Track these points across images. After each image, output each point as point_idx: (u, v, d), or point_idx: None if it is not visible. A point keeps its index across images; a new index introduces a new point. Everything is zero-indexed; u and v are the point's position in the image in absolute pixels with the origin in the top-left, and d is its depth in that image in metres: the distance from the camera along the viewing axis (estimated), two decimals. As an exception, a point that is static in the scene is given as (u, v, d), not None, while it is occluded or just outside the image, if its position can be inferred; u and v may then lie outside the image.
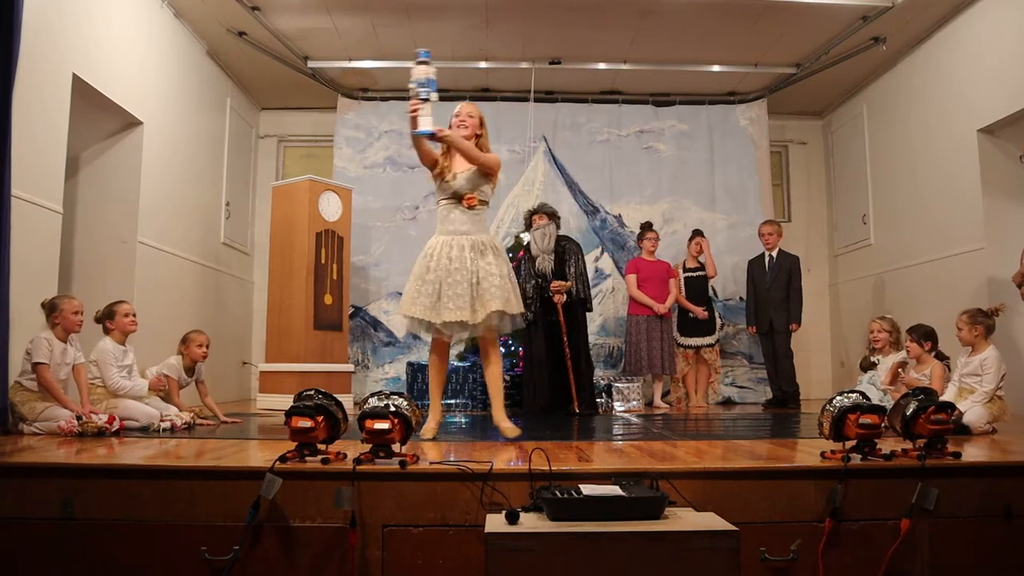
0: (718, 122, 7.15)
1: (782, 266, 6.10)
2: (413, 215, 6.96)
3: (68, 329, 3.65)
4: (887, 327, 4.30)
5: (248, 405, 6.02)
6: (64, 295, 3.78)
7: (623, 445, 3.20)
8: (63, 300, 3.67)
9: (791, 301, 6.02)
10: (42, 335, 3.57)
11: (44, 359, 3.51)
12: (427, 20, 5.80)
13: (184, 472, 2.42)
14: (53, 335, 3.60)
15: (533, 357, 5.33)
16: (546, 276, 5.28)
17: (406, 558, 2.32)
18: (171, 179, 5.52)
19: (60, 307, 3.62)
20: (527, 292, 5.19)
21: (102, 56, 4.53)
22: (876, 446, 2.53)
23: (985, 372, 3.66)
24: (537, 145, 7.06)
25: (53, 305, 3.63)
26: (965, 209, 5.36)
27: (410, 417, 2.51)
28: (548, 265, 5.26)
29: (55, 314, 3.62)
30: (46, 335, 3.58)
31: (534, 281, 5.29)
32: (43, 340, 3.54)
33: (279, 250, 5.72)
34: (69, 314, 3.63)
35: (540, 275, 5.29)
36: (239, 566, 2.29)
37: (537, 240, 5.36)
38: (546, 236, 5.34)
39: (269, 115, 7.52)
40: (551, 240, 5.36)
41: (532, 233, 5.42)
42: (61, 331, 3.63)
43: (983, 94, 5.18)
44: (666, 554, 1.94)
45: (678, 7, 5.59)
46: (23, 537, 2.36)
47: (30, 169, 3.76)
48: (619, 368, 6.47)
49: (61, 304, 3.64)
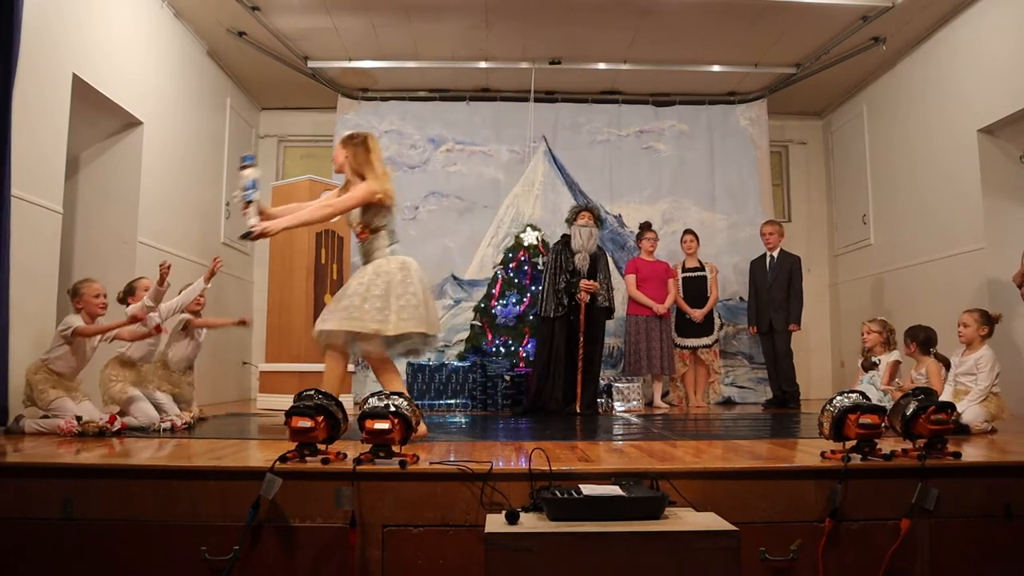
0: (718, 122, 7.15)
1: (783, 266, 6.09)
2: (413, 215, 6.96)
3: (92, 313, 3.67)
4: (876, 328, 4.34)
5: (248, 405, 6.02)
6: (85, 279, 3.79)
7: (623, 445, 3.20)
8: (84, 284, 3.69)
9: (791, 301, 6.02)
10: (69, 317, 3.61)
11: (79, 323, 3.56)
12: (427, 20, 5.80)
13: (184, 472, 2.42)
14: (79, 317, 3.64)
15: (552, 354, 5.32)
16: (580, 274, 5.30)
17: (406, 558, 2.32)
18: (171, 179, 5.52)
19: (81, 291, 3.65)
20: (558, 284, 5.27)
21: (102, 56, 4.53)
22: (876, 446, 2.53)
23: (980, 371, 3.67)
24: (537, 145, 7.06)
25: (75, 290, 3.67)
26: (965, 209, 5.36)
27: (410, 417, 2.51)
28: (585, 264, 5.27)
29: (77, 299, 3.65)
30: (73, 318, 3.61)
31: (565, 276, 5.30)
32: (72, 318, 3.59)
33: (279, 250, 5.71)
34: (90, 297, 3.65)
35: (575, 272, 5.29)
36: (239, 566, 2.29)
37: (582, 237, 5.30)
38: (592, 236, 5.33)
39: (269, 115, 7.52)
40: (594, 241, 5.35)
41: (577, 228, 5.35)
42: (86, 315, 3.65)
43: (983, 94, 5.18)
44: (666, 554, 1.94)
45: (678, 7, 5.59)
46: (23, 537, 2.36)
47: (30, 169, 3.76)
48: (619, 368, 6.47)
49: (82, 288, 3.66)
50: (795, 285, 6.04)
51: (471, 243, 6.95)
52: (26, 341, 3.64)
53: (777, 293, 6.04)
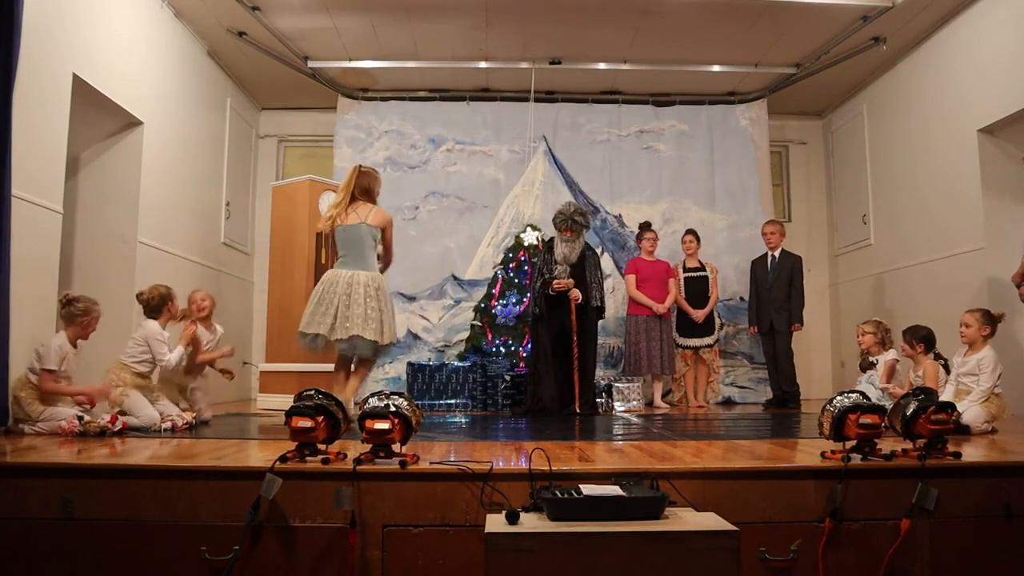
0: (718, 122, 7.15)
1: (784, 266, 6.09)
2: (413, 215, 6.96)
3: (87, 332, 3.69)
4: (870, 328, 4.35)
5: (248, 405, 6.02)
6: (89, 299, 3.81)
7: (623, 445, 3.20)
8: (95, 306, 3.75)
9: (792, 301, 6.01)
10: (55, 341, 3.56)
11: (52, 366, 3.51)
12: (427, 20, 5.80)
13: (184, 472, 2.42)
14: (67, 337, 3.61)
15: (540, 355, 5.32)
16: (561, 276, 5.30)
17: (406, 558, 2.32)
18: (171, 179, 5.52)
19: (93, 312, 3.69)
20: (535, 288, 5.34)
21: (102, 56, 4.53)
22: (876, 446, 2.53)
23: (982, 371, 3.66)
24: (537, 145, 7.06)
25: (86, 310, 3.66)
26: (965, 209, 5.36)
27: (410, 417, 2.51)
28: (564, 275, 5.26)
29: (83, 316, 3.64)
30: (59, 340, 3.57)
31: (542, 279, 5.31)
32: (55, 348, 3.53)
33: (279, 250, 5.71)
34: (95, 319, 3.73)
35: (552, 276, 5.29)
36: (239, 566, 2.29)
37: (565, 251, 5.34)
38: (574, 249, 5.35)
39: (269, 115, 7.52)
40: (578, 251, 5.37)
41: (561, 244, 5.36)
42: (79, 331, 3.65)
43: (983, 94, 5.18)
44: (666, 554, 1.94)
45: (678, 7, 5.59)
46: (23, 537, 2.36)
47: (30, 169, 3.76)
48: (619, 368, 6.47)
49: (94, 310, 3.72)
50: (796, 285, 6.04)
51: (471, 243, 6.95)
52: (26, 341, 3.63)
53: (778, 293, 6.04)
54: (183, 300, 4.35)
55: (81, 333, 3.67)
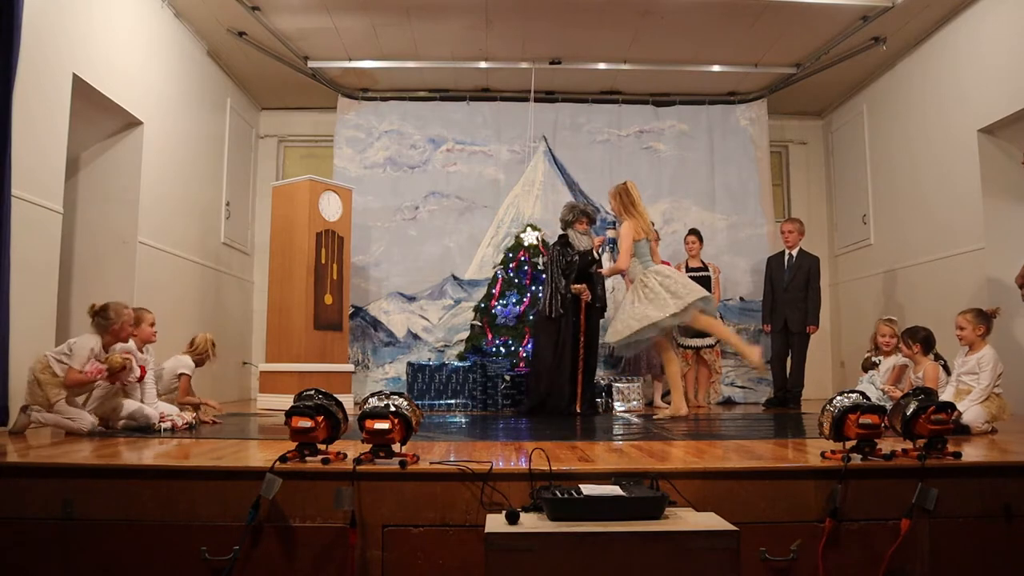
0: (718, 122, 7.15)
1: (801, 266, 6.05)
2: (413, 215, 6.96)
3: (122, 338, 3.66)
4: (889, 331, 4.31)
5: (248, 405, 6.02)
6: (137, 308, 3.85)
7: (623, 445, 3.20)
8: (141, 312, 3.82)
9: (809, 302, 5.97)
10: (89, 343, 3.49)
11: (79, 365, 3.43)
12: (427, 20, 5.80)
13: (184, 472, 2.42)
14: (101, 343, 3.55)
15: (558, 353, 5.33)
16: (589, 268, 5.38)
17: (406, 558, 2.32)
18: (171, 179, 5.52)
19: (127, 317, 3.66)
20: (560, 288, 5.32)
21: (102, 56, 4.53)
22: (876, 446, 2.53)
23: (982, 370, 3.66)
24: (537, 145, 7.06)
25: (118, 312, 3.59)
26: (965, 209, 5.36)
27: (410, 417, 2.51)
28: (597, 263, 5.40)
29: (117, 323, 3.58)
30: (94, 343, 3.50)
31: (565, 281, 5.33)
32: (87, 350, 3.46)
33: (279, 250, 5.72)
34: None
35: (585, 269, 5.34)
36: (239, 566, 2.29)
37: (582, 244, 5.41)
38: (590, 241, 5.47)
39: (269, 115, 7.52)
40: (589, 242, 5.47)
41: (577, 235, 5.42)
42: (111, 338, 3.59)
43: (983, 94, 5.18)
44: (666, 554, 1.94)
45: (678, 7, 5.59)
46: (23, 537, 2.36)
47: (30, 169, 3.76)
48: (619, 368, 6.47)
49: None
50: (813, 285, 6.00)
51: (471, 243, 6.95)
52: (26, 341, 3.63)
53: (794, 292, 6.01)
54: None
55: (114, 339, 3.60)
